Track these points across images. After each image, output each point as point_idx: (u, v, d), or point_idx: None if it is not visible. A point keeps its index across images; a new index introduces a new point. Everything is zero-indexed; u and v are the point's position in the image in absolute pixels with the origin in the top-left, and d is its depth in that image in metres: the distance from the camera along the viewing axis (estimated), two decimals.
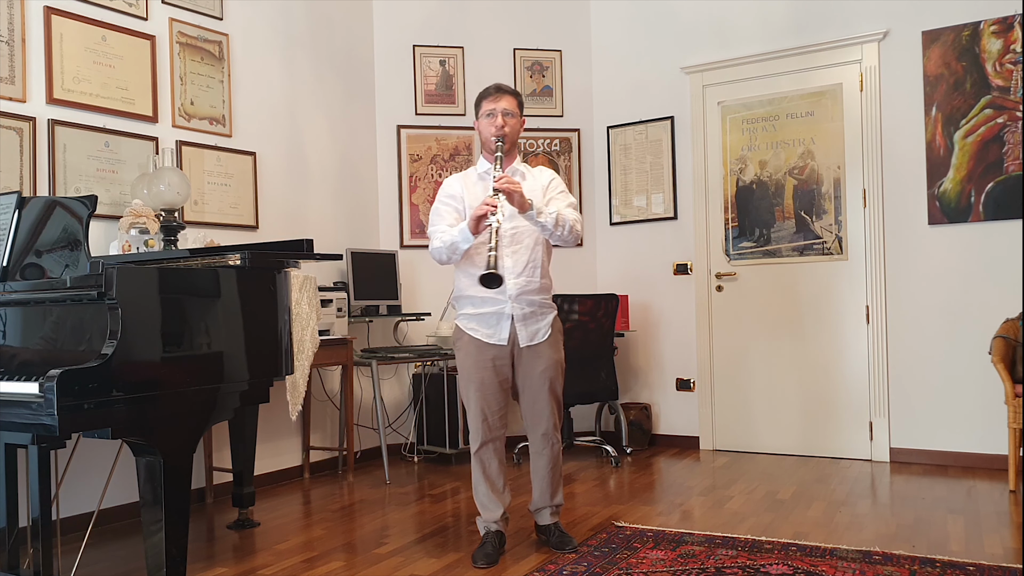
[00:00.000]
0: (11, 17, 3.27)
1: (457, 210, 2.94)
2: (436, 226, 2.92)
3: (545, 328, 2.93)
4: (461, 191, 2.95)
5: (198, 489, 3.83)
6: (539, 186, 2.96)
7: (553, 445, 2.96)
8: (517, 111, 2.94)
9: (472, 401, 2.91)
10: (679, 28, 5.08)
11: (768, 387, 4.79)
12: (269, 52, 4.40)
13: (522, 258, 2.87)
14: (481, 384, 2.88)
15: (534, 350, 2.90)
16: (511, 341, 2.88)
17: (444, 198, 2.97)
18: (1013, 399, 3.64)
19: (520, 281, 2.85)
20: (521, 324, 2.87)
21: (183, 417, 2.30)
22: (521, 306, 2.86)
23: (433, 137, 5.14)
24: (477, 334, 2.90)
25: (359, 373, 4.75)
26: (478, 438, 2.91)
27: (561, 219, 2.81)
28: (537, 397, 2.91)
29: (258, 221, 4.27)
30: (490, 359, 2.88)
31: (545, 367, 2.90)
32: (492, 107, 2.90)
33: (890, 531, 3.10)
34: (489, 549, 2.86)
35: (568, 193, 3.00)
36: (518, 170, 2.98)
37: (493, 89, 2.94)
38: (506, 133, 2.87)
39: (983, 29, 4.20)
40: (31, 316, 2.35)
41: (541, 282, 2.91)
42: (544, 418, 2.92)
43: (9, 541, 2.56)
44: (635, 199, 5.25)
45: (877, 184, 4.48)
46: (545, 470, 2.96)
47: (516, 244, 2.87)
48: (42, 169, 3.33)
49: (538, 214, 2.77)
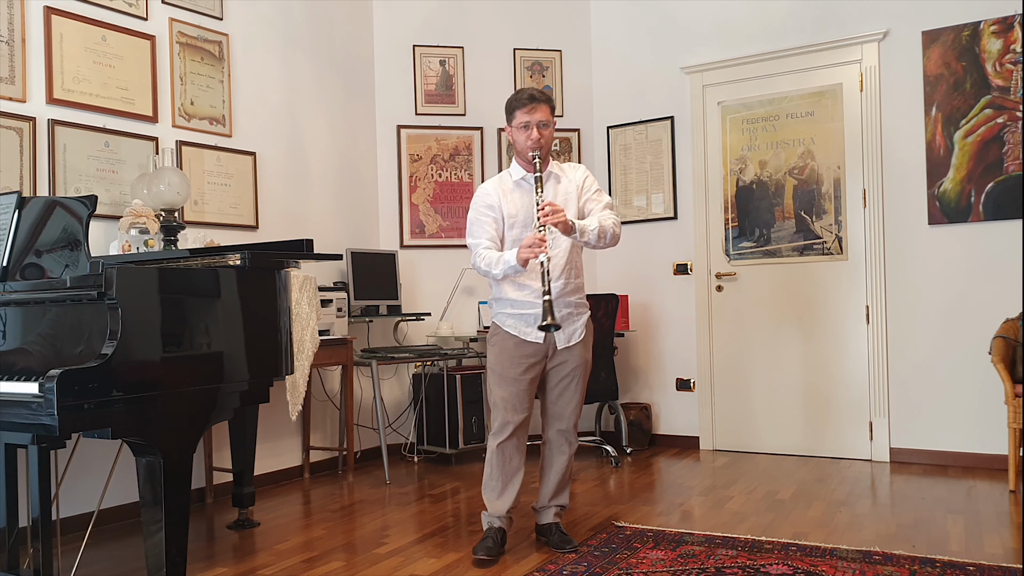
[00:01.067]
0: (11, 17, 3.27)
1: (496, 220, 2.92)
2: (478, 240, 2.90)
3: (581, 329, 2.95)
4: (498, 200, 2.93)
5: (198, 489, 3.82)
6: (573, 188, 2.95)
7: (572, 444, 2.99)
8: (552, 120, 2.91)
9: (498, 395, 2.91)
10: (679, 28, 5.08)
11: (768, 387, 4.79)
12: (269, 52, 4.40)
13: (559, 261, 2.87)
14: (515, 379, 2.89)
15: (569, 350, 2.92)
16: (547, 340, 2.89)
17: (483, 208, 2.93)
18: (1013, 399, 3.64)
19: (559, 284, 2.86)
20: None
21: (183, 417, 2.30)
22: (559, 308, 2.84)
23: (433, 137, 5.14)
24: (516, 331, 2.90)
25: (359, 373, 4.75)
26: (504, 431, 2.90)
27: (603, 231, 2.81)
28: (563, 394, 2.94)
29: (258, 221, 4.27)
30: (525, 356, 2.89)
31: (576, 365, 2.93)
32: (527, 119, 2.85)
33: (890, 531, 3.10)
34: (490, 543, 2.87)
35: (603, 192, 3.00)
36: (552, 173, 2.96)
37: (527, 99, 2.87)
38: (542, 146, 2.86)
39: (983, 29, 4.20)
40: (31, 316, 2.35)
41: (576, 282, 2.94)
42: (566, 415, 2.96)
43: (9, 541, 2.56)
44: (635, 199, 5.25)
45: (877, 184, 4.48)
46: (560, 467, 2.98)
47: (555, 248, 2.85)
48: (42, 169, 3.33)
49: (581, 235, 2.77)
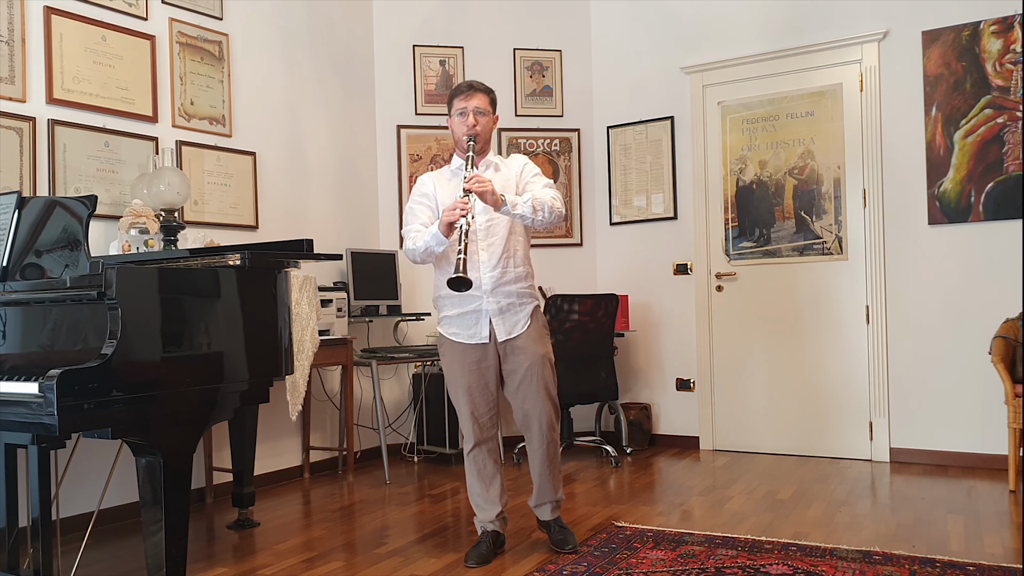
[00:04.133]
0: (11, 17, 3.27)
1: (431, 208, 2.93)
2: (410, 225, 2.92)
3: (524, 320, 2.88)
4: (433, 190, 2.95)
5: (198, 489, 3.82)
6: (512, 174, 2.95)
7: (548, 441, 2.91)
8: (489, 109, 2.91)
9: (461, 404, 2.91)
10: (679, 28, 5.08)
11: (768, 387, 4.79)
12: (269, 52, 4.40)
13: (496, 250, 2.84)
14: (468, 387, 2.88)
15: (515, 345, 2.86)
16: (491, 338, 2.87)
17: (418, 197, 2.97)
18: (1013, 399, 3.64)
19: (495, 273, 2.83)
20: (498, 318, 2.85)
21: (183, 417, 2.30)
22: (497, 299, 2.84)
23: (433, 137, 5.14)
24: (458, 337, 2.89)
25: (359, 373, 4.75)
26: (471, 440, 2.91)
27: (537, 203, 2.76)
28: (526, 394, 2.88)
29: (258, 221, 4.27)
30: (474, 361, 2.87)
31: (530, 363, 2.86)
32: (464, 105, 2.88)
33: (890, 531, 3.10)
34: (483, 549, 2.86)
35: (542, 175, 2.96)
36: (492, 162, 2.97)
37: (465, 87, 2.91)
38: (478, 132, 2.86)
39: (983, 29, 4.20)
40: (31, 316, 2.35)
41: (516, 271, 2.87)
42: (535, 414, 2.88)
43: (9, 541, 2.56)
44: (635, 199, 5.25)
45: (877, 184, 4.48)
46: (542, 466, 2.92)
47: (491, 237, 2.85)
48: (42, 169, 3.33)
49: (512, 207, 2.73)
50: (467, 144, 2.84)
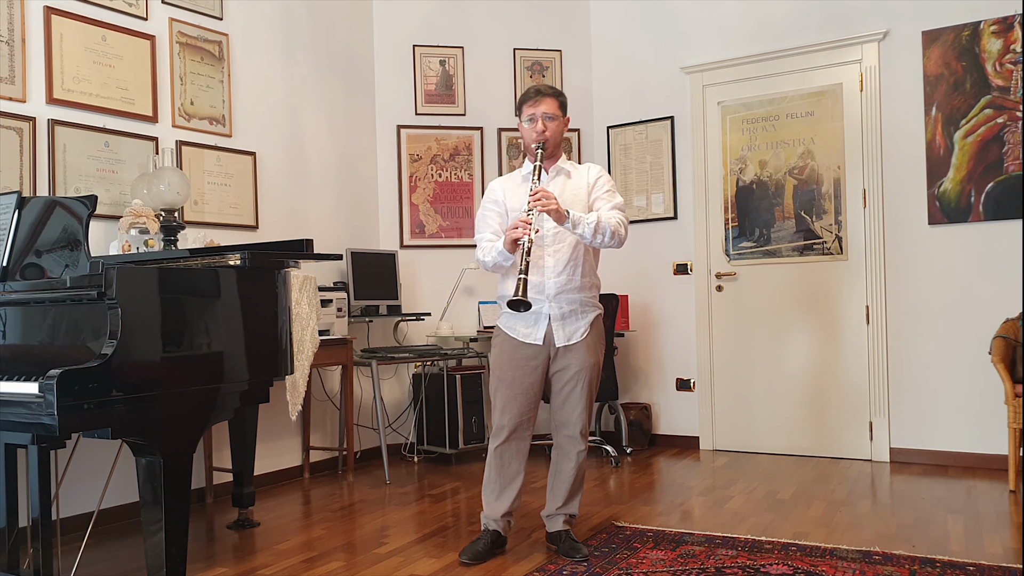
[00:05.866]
0: (11, 17, 3.27)
1: (500, 214, 2.93)
2: (482, 234, 2.93)
3: (584, 328, 2.87)
4: (503, 195, 2.94)
5: (198, 489, 3.83)
6: (584, 185, 2.93)
7: (580, 451, 2.90)
8: (559, 112, 2.90)
9: (500, 398, 2.89)
10: (679, 28, 5.08)
11: (768, 387, 4.79)
12: (269, 52, 4.40)
13: (563, 256, 2.83)
14: (512, 382, 2.87)
15: (570, 350, 2.86)
16: (547, 341, 2.85)
17: (488, 203, 2.97)
18: (1013, 399, 3.64)
19: (560, 280, 2.82)
20: (559, 324, 2.84)
21: (183, 417, 2.30)
22: (560, 305, 2.83)
23: (433, 137, 5.14)
24: (515, 333, 2.88)
25: (359, 373, 4.75)
26: (502, 434, 2.88)
27: (600, 227, 2.74)
28: (568, 398, 2.88)
29: (258, 221, 4.27)
30: (524, 359, 2.86)
31: (580, 368, 2.85)
32: (532, 111, 2.87)
33: (890, 531, 3.10)
34: (480, 546, 2.86)
35: (615, 192, 2.93)
36: (563, 169, 2.95)
37: (533, 92, 2.90)
38: (547, 138, 2.85)
39: (983, 29, 4.20)
40: (31, 316, 2.35)
41: (582, 281, 2.86)
42: (572, 420, 2.88)
43: (9, 541, 2.56)
44: (635, 199, 5.25)
45: (877, 184, 4.48)
46: (567, 474, 2.91)
47: (559, 243, 2.83)
48: (42, 169, 3.33)
49: (574, 226, 2.72)
50: (536, 152, 2.83)
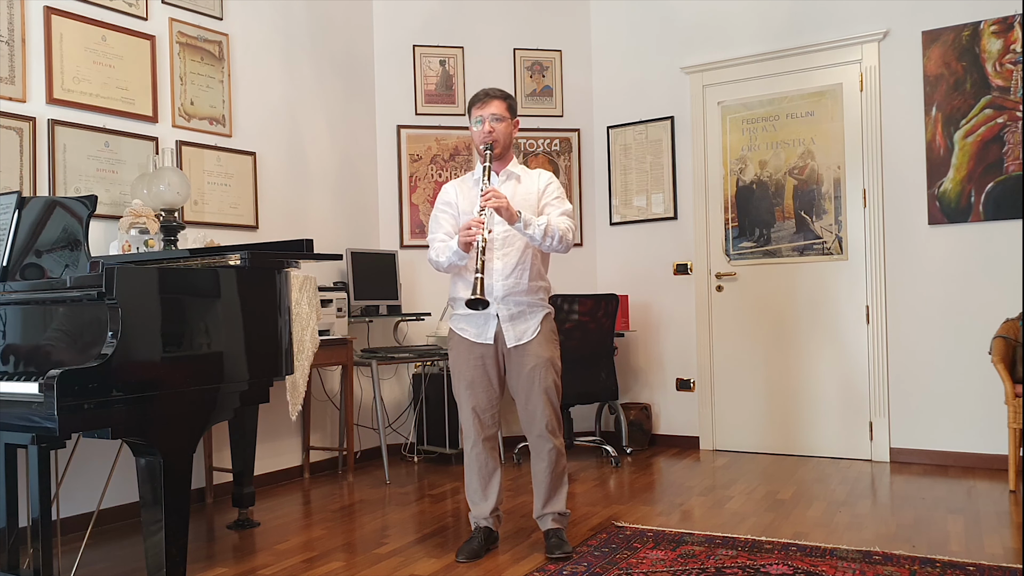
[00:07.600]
0: (11, 17, 3.27)
1: (453, 216, 2.96)
2: (435, 235, 2.96)
3: (534, 327, 2.90)
4: (455, 197, 2.97)
5: (198, 489, 3.82)
6: (534, 190, 2.95)
7: (550, 449, 2.90)
8: (507, 114, 2.92)
9: (463, 399, 2.94)
10: (679, 28, 5.08)
11: (768, 387, 4.79)
12: (269, 52, 4.40)
13: (512, 260, 2.86)
14: (471, 382, 2.91)
15: (521, 349, 2.89)
16: (498, 340, 2.89)
17: (441, 205, 3.00)
18: (1013, 399, 3.64)
19: (508, 283, 2.85)
20: (508, 324, 2.88)
21: (183, 417, 2.30)
22: (508, 307, 2.87)
23: (433, 137, 5.14)
24: (466, 333, 2.93)
25: (359, 373, 4.75)
26: (472, 436, 2.93)
27: (550, 230, 2.78)
28: (528, 397, 2.89)
29: (258, 221, 4.27)
30: (478, 357, 2.91)
31: (534, 365, 2.87)
32: (480, 113, 2.90)
33: (890, 531, 3.10)
34: (474, 545, 2.88)
35: (564, 199, 2.97)
36: (513, 173, 2.97)
37: (481, 95, 2.93)
38: (495, 139, 2.87)
39: (983, 29, 4.20)
40: (31, 316, 2.35)
41: (530, 284, 2.88)
42: (537, 419, 2.89)
43: (9, 541, 2.56)
44: (635, 199, 5.25)
45: (877, 184, 4.48)
46: (543, 474, 2.92)
47: (508, 247, 2.87)
48: (42, 169, 3.33)
49: (525, 226, 2.75)
50: (485, 153, 2.85)
